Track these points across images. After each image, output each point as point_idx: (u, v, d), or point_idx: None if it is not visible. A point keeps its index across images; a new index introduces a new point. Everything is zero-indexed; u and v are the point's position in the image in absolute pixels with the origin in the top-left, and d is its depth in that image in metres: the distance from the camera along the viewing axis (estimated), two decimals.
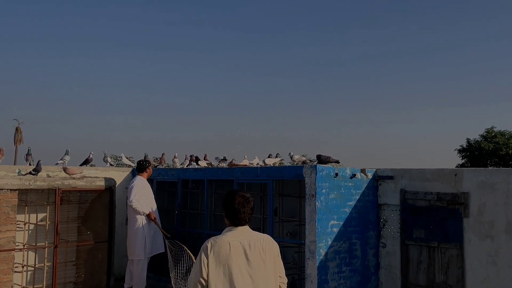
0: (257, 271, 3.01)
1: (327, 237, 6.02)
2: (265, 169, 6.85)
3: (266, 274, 3.05)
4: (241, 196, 3.12)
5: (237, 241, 3.03)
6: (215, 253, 2.96)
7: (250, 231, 3.13)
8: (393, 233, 6.60)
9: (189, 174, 7.92)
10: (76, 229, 7.29)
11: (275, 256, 3.16)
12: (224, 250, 2.97)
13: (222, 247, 2.98)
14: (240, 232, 3.08)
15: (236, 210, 3.08)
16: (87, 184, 7.06)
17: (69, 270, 7.20)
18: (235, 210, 3.08)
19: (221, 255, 2.96)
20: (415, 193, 6.32)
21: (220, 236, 3.05)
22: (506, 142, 32.33)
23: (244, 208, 3.09)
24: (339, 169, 6.32)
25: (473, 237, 5.81)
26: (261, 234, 3.19)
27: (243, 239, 3.05)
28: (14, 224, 6.34)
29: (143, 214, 6.86)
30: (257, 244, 3.08)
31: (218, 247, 2.98)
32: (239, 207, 3.08)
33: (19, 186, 6.36)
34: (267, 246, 3.12)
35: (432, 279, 6.16)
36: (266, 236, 3.19)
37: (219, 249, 2.97)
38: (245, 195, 3.14)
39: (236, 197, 3.11)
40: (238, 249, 3.00)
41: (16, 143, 52.83)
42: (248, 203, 3.11)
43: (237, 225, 3.09)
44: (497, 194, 5.65)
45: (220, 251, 2.96)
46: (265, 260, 3.07)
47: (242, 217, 3.08)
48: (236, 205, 3.08)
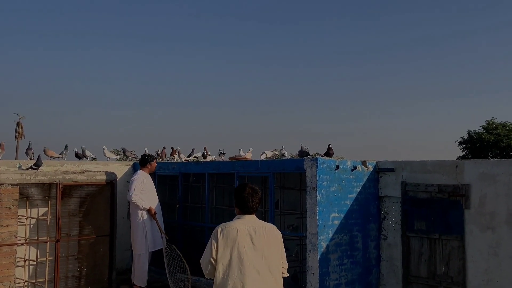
0: (260, 253, 3.38)
1: (328, 229, 6.02)
2: (265, 162, 6.85)
3: (269, 257, 3.41)
4: (250, 188, 3.55)
5: (244, 227, 3.42)
6: (224, 237, 3.37)
7: (257, 220, 3.54)
8: (394, 225, 6.60)
9: (190, 167, 7.92)
10: (78, 223, 7.30)
11: (278, 243, 3.53)
12: (232, 234, 3.38)
13: (230, 232, 3.39)
14: (248, 219, 3.49)
15: (245, 199, 3.50)
16: (88, 179, 7.07)
17: (71, 264, 7.21)
18: (244, 200, 3.50)
19: (229, 238, 3.37)
20: (416, 185, 6.32)
21: (230, 223, 3.47)
22: (507, 133, 32.29)
23: (252, 197, 3.51)
24: (340, 161, 6.31)
25: (474, 228, 5.81)
26: (266, 223, 3.57)
27: (249, 226, 3.45)
28: (16, 218, 6.36)
29: (143, 209, 6.87)
30: (261, 231, 3.46)
31: (226, 231, 3.40)
32: (248, 196, 3.50)
33: (20, 180, 6.37)
34: (271, 234, 3.50)
35: (433, 270, 6.17)
36: (271, 225, 3.59)
37: (228, 233, 3.39)
38: (253, 187, 3.57)
39: (246, 188, 3.54)
40: (245, 234, 3.40)
41: (17, 137, 52.86)
42: (256, 194, 3.54)
43: (246, 213, 3.51)
44: (498, 185, 5.64)
45: (228, 235, 3.38)
46: (269, 245, 3.43)
47: (250, 206, 3.51)
48: (245, 195, 3.51)
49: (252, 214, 3.54)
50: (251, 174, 7.00)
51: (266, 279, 3.37)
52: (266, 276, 3.37)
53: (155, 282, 7.56)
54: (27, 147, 7.94)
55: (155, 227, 6.98)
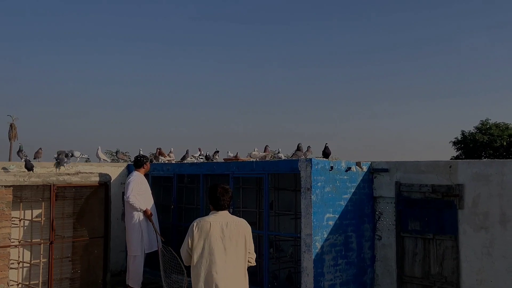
0: (229, 244, 3.86)
1: (322, 230, 6.03)
2: (260, 163, 6.85)
3: (237, 247, 3.89)
4: (221, 187, 4.00)
5: (217, 222, 3.90)
6: (198, 230, 3.87)
7: (229, 215, 4.00)
8: (389, 225, 6.62)
9: (185, 169, 7.92)
10: (72, 225, 7.27)
11: (246, 235, 3.97)
12: (205, 227, 3.87)
13: (204, 225, 3.89)
14: (220, 215, 3.96)
15: (218, 198, 3.96)
16: (82, 180, 7.04)
17: (65, 266, 7.18)
18: (217, 198, 3.97)
19: (203, 231, 3.86)
20: (410, 185, 6.34)
21: (205, 218, 3.97)
22: (500, 134, 32.44)
23: (224, 196, 3.96)
24: (334, 162, 6.33)
25: (468, 228, 5.84)
26: (237, 218, 4.04)
27: (222, 221, 3.92)
28: (9, 220, 6.33)
29: (140, 210, 6.85)
30: (232, 225, 3.92)
31: (201, 225, 3.89)
32: (220, 195, 3.96)
33: (13, 182, 6.34)
34: (241, 227, 3.96)
35: (427, 270, 6.19)
36: (241, 220, 4.04)
37: (202, 227, 3.88)
38: (225, 187, 4.03)
39: (218, 188, 4.00)
40: (217, 227, 3.87)
41: (11, 139, 52.62)
42: (227, 193, 4.00)
43: (219, 210, 3.98)
44: (492, 185, 5.68)
45: (202, 228, 3.87)
46: (237, 237, 3.90)
47: (222, 204, 3.97)
48: (218, 194, 3.97)
49: (225, 210, 3.99)
50: (246, 175, 7.00)
51: (233, 267, 3.85)
52: (233, 264, 3.85)
53: (150, 284, 7.55)
54: (18, 150, 7.90)
55: (151, 228, 6.96)
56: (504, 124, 33.67)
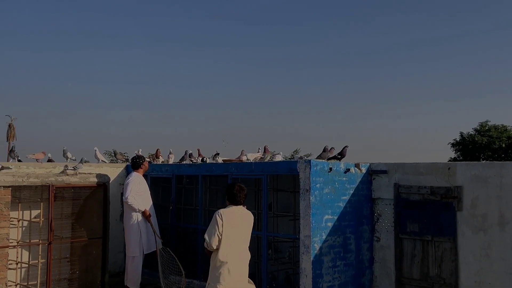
0: (244, 231, 4.83)
1: (321, 231, 6.03)
2: (259, 164, 6.85)
3: (248, 234, 4.87)
4: (238, 186, 4.87)
5: (236, 213, 4.78)
6: (226, 217, 4.67)
7: (243, 208, 4.87)
8: (387, 227, 6.63)
9: (183, 169, 7.91)
10: (70, 225, 7.26)
11: (251, 226, 4.92)
12: (231, 216, 4.72)
13: (230, 215, 4.73)
14: (238, 208, 4.82)
15: (235, 195, 4.81)
16: (80, 181, 7.04)
17: (63, 266, 7.17)
18: (234, 195, 4.81)
19: (229, 219, 4.69)
20: (408, 187, 6.35)
21: (226, 209, 4.79)
22: (499, 135, 32.46)
23: (240, 193, 4.82)
24: (333, 163, 6.33)
25: (467, 230, 5.85)
26: (248, 211, 4.92)
27: (239, 212, 4.81)
28: (8, 221, 6.32)
29: (139, 211, 6.85)
30: (246, 217, 4.87)
31: (226, 214, 4.70)
32: (237, 192, 4.81)
33: (12, 182, 6.34)
34: (250, 220, 4.91)
35: (426, 272, 6.20)
36: (250, 213, 4.94)
37: (228, 216, 4.71)
38: (241, 185, 4.89)
39: (235, 186, 4.86)
40: (237, 217, 4.76)
41: (9, 139, 52.54)
42: (243, 190, 4.86)
43: (236, 204, 4.82)
44: (490, 187, 5.68)
45: (229, 217, 4.70)
46: (249, 227, 4.87)
47: (238, 200, 4.82)
48: (235, 191, 4.81)
49: (240, 205, 4.84)
50: (245, 176, 7.00)
51: (244, 249, 4.82)
52: (244, 247, 4.82)
53: (148, 285, 7.54)
54: (10, 149, 7.89)
55: (150, 229, 6.96)
56: (503, 126, 33.69)
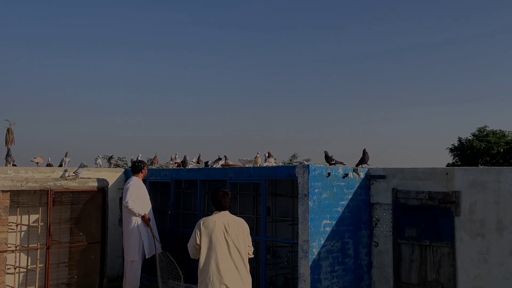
0: (232, 239, 4.51)
1: (320, 236, 6.04)
2: (258, 169, 6.87)
3: (239, 242, 4.55)
4: (222, 191, 4.70)
5: (220, 220, 4.56)
6: (205, 227, 4.51)
7: (229, 214, 4.69)
8: (385, 232, 6.64)
9: (182, 174, 7.92)
10: (69, 230, 7.27)
11: (245, 232, 4.67)
12: (211, 225, 4.52)
13: (209, 223, 4.53)
14: (223, 215, 4.64)
15: (219, 201, 4.65)
16: (79, 185, 7.04)
17: (61, 271, 7.17)
18: (218, 201, 4.65)
19: (209, 228, 4.50)
20: (407, 192, 6.36)
21: (209, 217, 4.63)
22: (497, 141, 32.50)
23: (224, 199, 4.65)
24: (332, 168, 6.34)
25: (465, 235, 5.86)
26: (237, 217, 4.72)
27: (224, 219, 4.59)
28: (6, 225, 6.33)
29: (138, 216, 6.85)
30: (233, 223, 4.60)
31: (207, 223, 4.54)
32: (221, 198, 4.65)
33: (11, 187, 6.34)
34: (240, 225, 4.64)
35: (424, 277, 6.20)
36: (240, 219, 4.73)
37: (208, 225, 4.52)
38: (225, 190, 4.73)
39: (219, 192, 4.70)
40: (220, 225, 4.52)
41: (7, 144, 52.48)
42: (227, 196, 4.68)
43: (220, 210, 4.65)
44: (488, 192, 5.70)
45: (208, 226, 4.51)
46: (238, 234, 4.57)
47: (223, 205, 4.65)
48: (219, 197, 4.65)
49: (226, 211, 4.67)
50: (243, 181, 7.01)
51: (235, 258, 4.51)
52: (235, 256, 4.51)
53: None
54: (6, 154, 7.90)
55: (150, 233, 6.96)
56: (501, 131, 33.75)
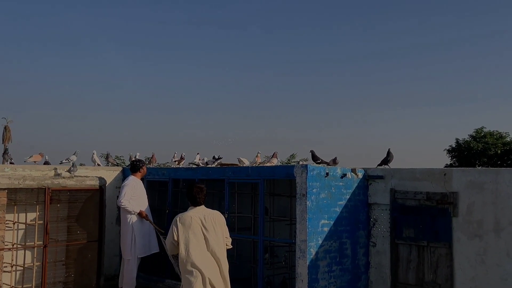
0: (210, 233, 4.65)
1: (317, 236, 6.04)
2: (256, 168, 6.86)
3: (216, 235, 4.70)
4: (197, 187, 4.81)
5: (196, 215, 4.68)
6: (181, 223, 4.62)
7: (205, 209, 4.80)
8: (383, 232, 6.64)
9: (180, 173, 7.91)
10: (66, 228, 7.25)
11: (222, 224, 4.81)
12: (187, 221, 4.63)
13: (186, 219, 4.65)
14: (198, 209, 4.75)
15: (194, 197, 4.77)
16: (77, 184, 7.03)
17: (58, 269, 7.16)
18: (193, 196, 4.76)
19: (186, 224, 4.62)
20: (405, 192, 6.37)
21: (185, 213, 4.75)
22: (495, 142, 32.64)
23: (199, 194, 4.77)
24: (330, 168, 6.34)
25: (462, 236, 5.87)
26: (213, 210, 4.85)
27: (200, 214, 4.71)
28: (3, 223, 6.31)
29: (134, 213, 6.85)
30: (209, 217, 4.72)
31: (183, 219, 4.65)
32: (196, 194, 4.77)
33: (8, 185, 6.33)
34: (216, 218, 4.78)
35: (421, 278, 6.21)
36: (216, 212, 4.86)
37: (184, 221, 4.64)
38: (200, 186, 4.84)
39: (194, 188, 4.80)
40: (197, 220, 4.65)
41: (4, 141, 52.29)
42: (202, 191, 4.80)
43: (196, 205, 4.77)
44: (486, 193, 5.71)
45: (184, 222, 4.63)
46: (215, 227, 4.70)
47: (198, 200, 4.77)
48: (194, 193, 4.77)
49: (202, 206, 4.79)
50: (241, 180, 7.01)
51: (214, 251, 4.63)
52: (214, 249, 4.62)
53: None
54: (3, 152, 7.88)
55: (146, 232, 6.96)
56: (498, 132, 33.89)
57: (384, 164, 6.94)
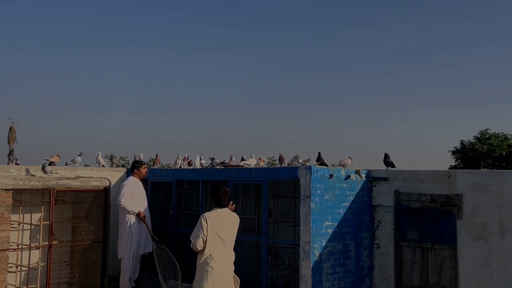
0: (230, 232, 5.11)
1: (321, 238, 6.04)
2: (260, 170, 6.87)
3: (232, 235, 5.14)
4: (222, 190, 5.14)
5: (221, 216, 5.08)
6: (211, 220, 4.98)
7: (228, 211, 5.19)
8: (387, 234, 6.63)
9: (184, 174, 7.93)
10: (71, 229, 7.28)
11: (236, 227, 5.23)
12: (216, 219, 5.02)
13: (215, 217, 5.03)
14: (223, 211, 5.13)
15: (220, 199, 5.10)
16: (81, 184, 7.06)
17: (63, 270, 7.18)
18: (219, 198, 5.11)
19: (214, 222, 4.99)
20: (409, 194, 6.36)
21: (212, 211, 5.10)
22: (500, 144, 32.46)
23: (224, 197, 5.12)
24: (334, 170, 6.34)
25: (466, 238, 5.85)
26: (233, 213, 5.24)
27: (224, 214, 5.11)
28: (9, 224, 6.34)
29: (132, 213, 6.91)
30: (231, 218, 5.17)
31: (211, 217, 5.02)
32: (221, 196, 5.10)
33: (13, 186, 6.36)
34: (235, 221, 5.23)
35: (425, 280, 6.19)
36: (235, 215, 5.26)
37: (213, 219, 5.00)
38: (225, 189, 5.17)
39: (219, 190, 5.13)
40: (222, 219, 5.06)
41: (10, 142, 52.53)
42: (227, 194, 5.14)
43: (221, 207, 5.12)
44: (490, 195, 5.69)
45: (214, 219, 5.01)
46: (233, 228, 5.17)
47: (223, 203, 5.12)
48: (219, 195, 5.10)
49: (225, 208, 5.15)
50: (245, 181, 7.02)
51: (230, 250, 5.11)
52: (229, 248, 5.08)
53: None
54: (9, 153, 7.91)
55: (143, 232, 7.01)
56: (504, 134, 33.72)
57: (392, 167, 6.94)
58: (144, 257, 7.27)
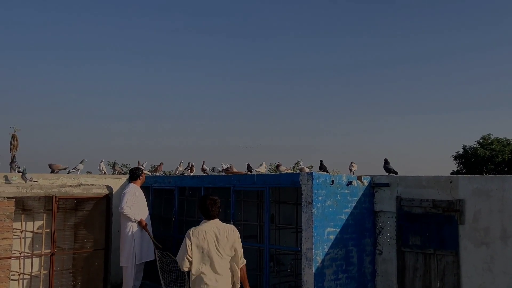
0: (223, 248, 4.34)
1: (323, 244, 6.03)
2: (261, 176, 6.88)
3: (230, 250, 4.38)
4: (210, 199, 4.45)
5: (210, 229, 4.36)
6: (195, 238, 4.31)
7: (219, 222, 4.46)
8: (389, 240, 6.62)
9: (186, 181, 7.94)
10: (73, 236, 7.28)
11: (236, 238, 4.43)
12: (201, 235, 4.32)
13: (200, 234, 4.33)
14: (212, 223, 4.41)
15: (207, 209, 4.42)
16: (84, 192, 7.07)
17: (65, 278, 7.18)
18: (206, 209, 4.42)
19: (200, 239, 4.31)
20: (411, 200, 6.36)
21: (199, 226, 4.41)
22: (502, 149, 32.47)
23: (213, 207, 4.42)
24: (335, 176, 6.35)
25: (469, 244, 5.84)
26: (227, 224, 4.50)
27: (214, 228, 4.38)
28: (11, 232, 6.34)
29: (134, 221, 6.91)
30: (223, 231, 4.38)
31: (197, 233, 4.33)
32: (209, 206, 4.41)
33: (15, 194, 6.37)
34: (230, 232, 4.42)
35: (428, 286, 6.18)
36: (230, 226, 4.52)
37: (198, 235, 4.32)
38: (213, 198, 4.47)
39: (207, 200, 4.45)
40: (211, 235, 4.34)
41: (12, 150, 52.61)
42: (215, 204, 4.44)
43: (210, 219, 4.43)
44: (493, 201, 5.69)
45: (199, 236, 4.31)
46: (229, 241, 4.37)
47: (212, 214, 4.42)
48: (207, 206, 4.42)
49: (216, 219, 4.44)
50: (247, 188, 7.02)
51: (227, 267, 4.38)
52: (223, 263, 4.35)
53: None
54: (11, 161, 7.94)
55: (145, 240, 7.00)
56: (506, 139, 33.72)
57: (394, 173, 6.96)
58: (146, 264, 7.26)
